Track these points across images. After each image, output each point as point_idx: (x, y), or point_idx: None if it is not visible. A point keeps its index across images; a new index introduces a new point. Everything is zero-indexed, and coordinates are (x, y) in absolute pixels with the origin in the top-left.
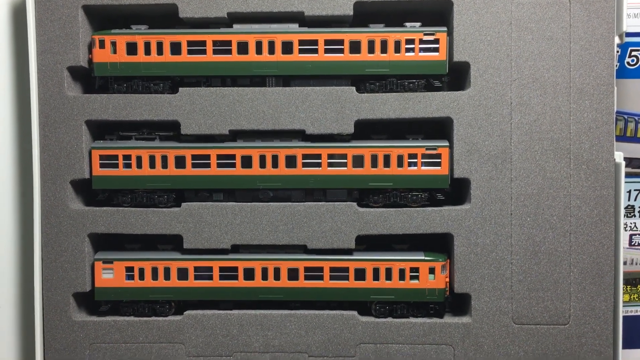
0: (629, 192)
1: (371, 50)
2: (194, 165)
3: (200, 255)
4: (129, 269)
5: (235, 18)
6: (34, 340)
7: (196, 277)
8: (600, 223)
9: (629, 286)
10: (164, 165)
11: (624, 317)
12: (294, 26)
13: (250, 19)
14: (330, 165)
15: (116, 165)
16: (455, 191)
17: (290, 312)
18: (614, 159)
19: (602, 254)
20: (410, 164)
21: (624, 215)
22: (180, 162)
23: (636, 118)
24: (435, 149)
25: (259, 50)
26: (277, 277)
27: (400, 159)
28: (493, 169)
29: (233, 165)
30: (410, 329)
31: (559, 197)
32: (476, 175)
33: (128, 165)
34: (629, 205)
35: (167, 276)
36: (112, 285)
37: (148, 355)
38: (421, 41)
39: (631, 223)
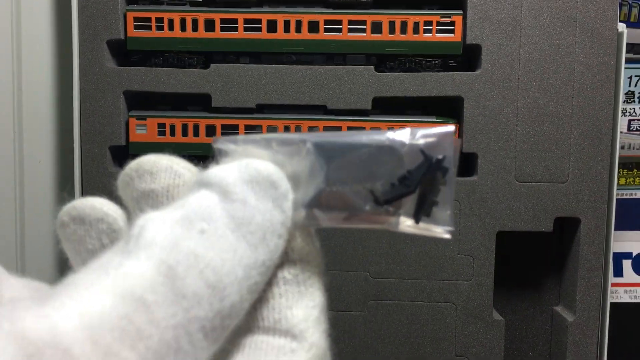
0: (630, 77)
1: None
2: (222, 29)
3: (227, 114)
4: (161, 125)
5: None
6: (74, 192)
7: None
8: (601, 88)
9: (625, 170)
10: (194, 28)
11: (619, 200)
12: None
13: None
14: (350, 31)
15: (149, 28)
16: (467, 59)
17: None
18: (617, 28)
19: (601, 118)
20: (425, 31)
21: (624, 101)
22: (209, 25)
23: (634, 2)
24: (449, 17)
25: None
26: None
27: (416, 26)
28: (503, 35)
29: (259, 29)
30: None
31: (564, 63)
32: (487, 42)
33: (160, 28)
34: (629, 91)
35: (196, 133)
36: (145, 140)
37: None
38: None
39: (630, 108)
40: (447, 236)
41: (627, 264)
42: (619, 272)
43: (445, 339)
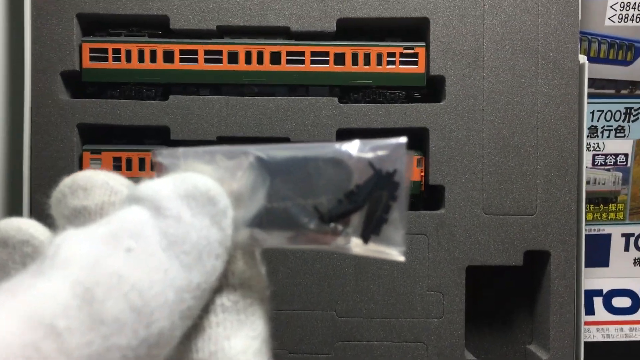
0: (592, 112)
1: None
2: (182, 60)
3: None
4: (117, 159)
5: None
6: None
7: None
8: (565, 119)
9: (591, 204)
10: (153, 59)
11: (587, 236)
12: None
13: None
14: (312, 62)
15: (106, 59)
16: (431, 90)
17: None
18: (578, 60)
19: (567, 149)
20: (388, 63)
21: (587, 136)
22: (168, 56)
23: (599, 38)
24: (412, 48)
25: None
26: None
27: (379, 57)
28: (466, 67)
29: (220, 61)
30: None
31: (527, 95)
32: (451, 73)
33: (117, 59)
34: (592, 125)
35: (152, 167)
36: None
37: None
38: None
39: (594, 143)
40: (401, 258)
41: (598, 302)
42: (590, 310)
43: None
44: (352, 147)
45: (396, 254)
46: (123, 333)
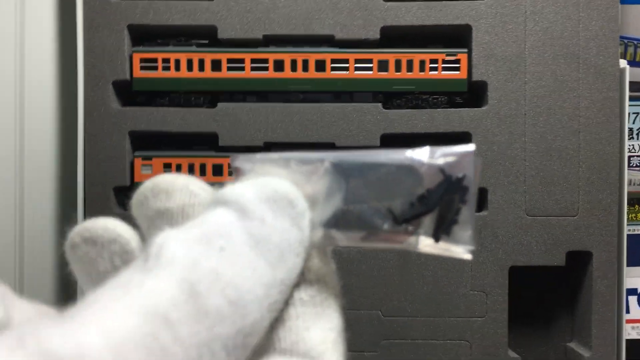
0: (628, 115)
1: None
2: (229, 69)
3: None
4: (167, 165)
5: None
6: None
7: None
8: (606, 122)
9: (628, 205)
10: (201, 68)
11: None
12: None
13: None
14: (356, 69)
15: (156, 68)
16: (473, 95)
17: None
18: (619, 64)
19: (608, 152)
20: (431, 69)
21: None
22: (216, 65)
23: (635, 42)
24: (454, 54)
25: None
26: None
27: (422, 64)
28: (508, 72)
29: (266, 69)
30: None
31: (569, 99)
32: (493, 78)
33: (167, 69)
34: (628, 128)
35: (202, 172)
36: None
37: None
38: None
39: (630, 145)
40: (468, 256)
41: (633, 300)
42: (626, 309)
43: None
44: (423, 154)
45: (464, 252)
46: (224, 324)
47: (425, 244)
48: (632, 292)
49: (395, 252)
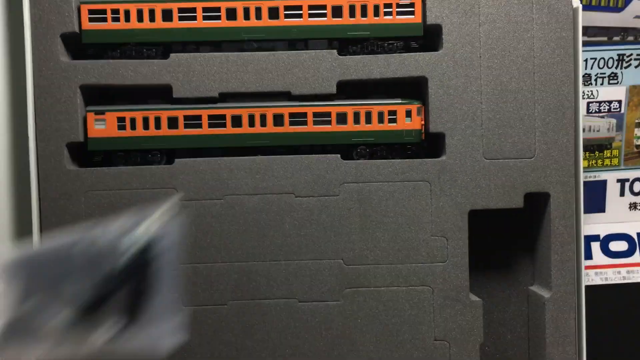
0: (585, 60)
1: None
2: (181, 19)
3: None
4: (121, 119)
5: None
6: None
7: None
8: (561, 63)
9: (587, 152)
10: (152, 19)
11: (584, 183)
12: None
13: None
14: (310, 16)
15: (105, 20)
16: (429, 40)
17: (277, 156)
18: (572, 4)
19: (563, 92)
20: (385, 14)
21: (582, 84)
22: (167, 15)
23: None
24: None
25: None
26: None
27: (376, 8)
28: (463, 14)
29: (219, 18)
30: (390, 167)
31: (523, 40)
32: (447, 22)
33: (116, 20)
34: (585, 73)
35: (157, 126)
36: (105, 136)
37: (142, 201)
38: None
39: (588, 91)
40: (166, 348)
41: (595, 246)
42: (588, 255)
43: (424, 323)
44: (117, 229)
45: (164, 345)
46: None
47: (104, 340)
48: (594, 238)
49: (333, 203)
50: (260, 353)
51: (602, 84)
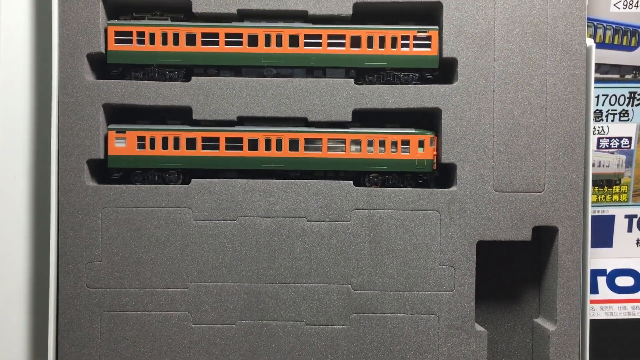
0: (597, 97)
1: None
2: (204, 43)
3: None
4: (141, 139)
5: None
6: (50, 203)
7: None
8: (573, 99)
9: (596, 187)
10: (176, 42)
11: (592, 217)
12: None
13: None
14: (329, 45)
15: (130, 42)
16: (444, 72)
17: (291, 181)
18: (585, 43)
19: (574, 128)
20: (403, 46)
21: (593, 119)
22: (191, 39)
23: (605, 24)
24: (425, 31)
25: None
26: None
27: (393, 40)
28: (478, 49)
29: (240, 43)
30: (400, 196)
31: (536, 76)
32: (463, 55)
33: (141, 42)
34: (597, 109)
35: (176, 146)
36: (124, 154)
37: (157, 219)
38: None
39: (599, 127)
40: None
41: (601, 281)
42: (594, 289)
43: (429, 351)
44: None
45: None
46: None
47: None
48: (601, 273)
49: (343, 229)
50: None
51: (612, 120)
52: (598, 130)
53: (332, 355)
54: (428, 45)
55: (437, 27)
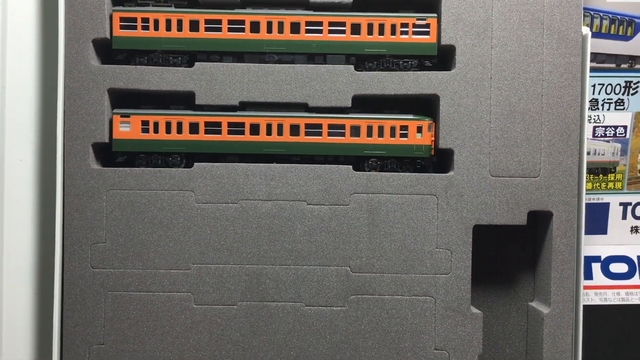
0: (593, 86)
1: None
2: (207, 30)
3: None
4: (145, 123)
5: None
6: (55, 185)
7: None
8: (568, 87)
9: (591, 175)
10: (179, 28)
11: (587, 205)
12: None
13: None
14: (330, 32)
15: (135, 28)
16: (442, 59)
17: (292, 165)
18: (582, 31)
19: (570, 115)
20: (402, 33)
21: (588, 108)
22: (194, 26)
23: (601, 14)
24: (424, 19)
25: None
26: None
27: (393, 28)
28: (476, 36)
29: (242, 30)
30: (399, 180)
31: (533, 63)
32: (461, 43)
33: (146, 28)
34: (593, 98)
35: (179, 130)
36: (129, 137)
37: (160, 202)
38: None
39: (595, 116)
40: None
41: (596, 267)
42: (589, 275)
43: (425, 332)
44: None
45: None
46: None
47: None
48: (595, 259)
49: (342, 212)
50: (266, 353)
51: (608, 109)
52: (594, 119)
53: (331, 336)
54: (427, 33)
55: (435, 15)
